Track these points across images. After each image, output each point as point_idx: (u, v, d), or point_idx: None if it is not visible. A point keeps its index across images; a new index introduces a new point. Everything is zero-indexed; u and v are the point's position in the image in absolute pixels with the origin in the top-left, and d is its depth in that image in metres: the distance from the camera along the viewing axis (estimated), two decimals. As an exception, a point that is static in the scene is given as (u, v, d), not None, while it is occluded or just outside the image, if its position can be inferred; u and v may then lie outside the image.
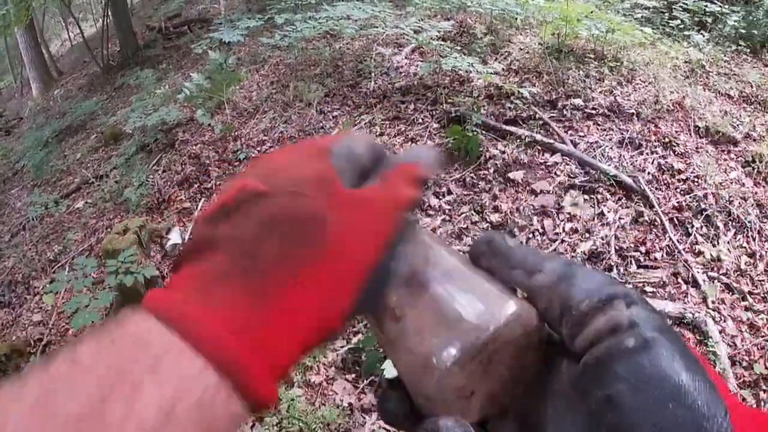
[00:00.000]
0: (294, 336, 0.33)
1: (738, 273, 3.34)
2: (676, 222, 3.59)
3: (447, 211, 3.90)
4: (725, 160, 4.03)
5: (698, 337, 2.93)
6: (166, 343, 0.29)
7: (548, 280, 0.34)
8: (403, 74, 5.24)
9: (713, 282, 3.26)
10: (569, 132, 4.28)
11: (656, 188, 3.78)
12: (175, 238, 4.34)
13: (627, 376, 0.28)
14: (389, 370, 2.66)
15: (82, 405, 0.26)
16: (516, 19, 5.70)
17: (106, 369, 0.27)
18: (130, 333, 0.30)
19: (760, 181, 3.87)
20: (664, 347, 0.28)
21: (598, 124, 4.30)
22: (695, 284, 3.25)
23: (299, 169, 0.36)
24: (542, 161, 4.07)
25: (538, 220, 3.70)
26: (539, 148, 4.17)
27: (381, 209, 0.36)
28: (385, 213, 0.37)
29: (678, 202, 3.67)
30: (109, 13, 10.69)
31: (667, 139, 4.08)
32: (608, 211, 3.66)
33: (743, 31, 5.65)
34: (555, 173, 3.97)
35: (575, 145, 4.14)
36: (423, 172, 0.40)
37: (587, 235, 3.54)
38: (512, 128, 4.34)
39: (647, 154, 4.01)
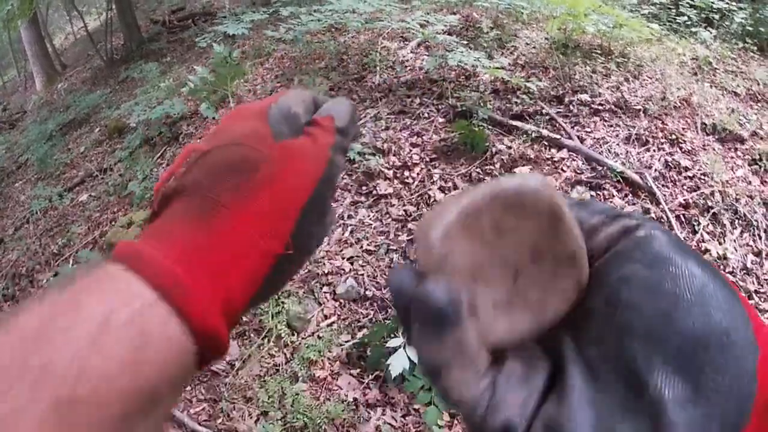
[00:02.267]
0: (239, 261, 0.36)
1: (744, 271, 3.33)
2: (683, 219, 3.58)
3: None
4: (732, 157, 4.01)
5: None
6: (114, 273, 0.33)
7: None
8: (408, 68, 5.21)
9: (720, 280, 3.25)
10: (576, 127, 4.26)
11: (663, 185, 3.77)
12: (179, 231, 4.33)
13: (640, 257, 0.29)
14: (395, 366, 2.65)
15: (38, 322, 0.29)
16: (522, 13, 5.67)
17: (60, 295, 0.30)
18: (88, 273, 0.32)
19: (767, 180, 3.85)
20: (669, 238, 0.30)
21: (605, 120, 4.28)
22: (702, 282, 3.24)
23: (237, 128, 0.42)
24: (548, 157, 4.06)
25: (544, 216, 3.68)
26: (546, 143, 4.15)
27: (306, 154, 0.42)
28: (311, 156, 0.42)
29: (685, 200, 3.66)
30: (113, 7, 10.66)
31: (674, 136, 4.06)
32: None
33: (750, 28, 5.62)
34: (561, 169, 3.95)
35: (582, 140, 4.12)
36: (337, 123, 0.45)
37: (593, 231, 3.52)
38: (518, 123, 4.32)
39: (654, 150, 3.99)
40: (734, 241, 3.47)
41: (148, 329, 0.31)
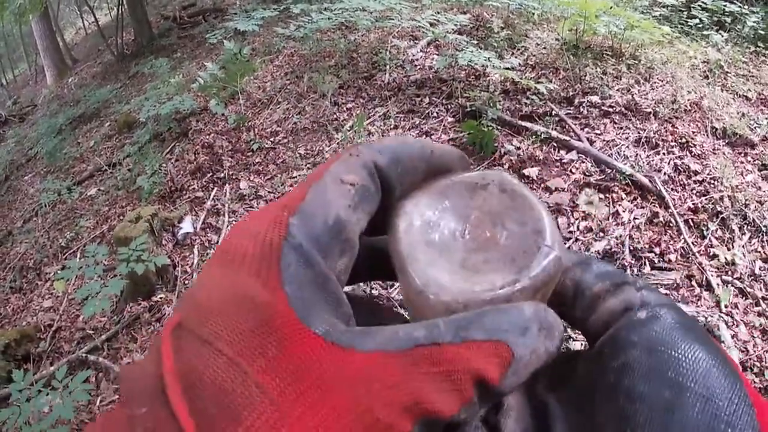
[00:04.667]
0: None
1: (752, 278, 3.30)
2: (692, 224, 3.56)
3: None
4: (742, 162, 3.98)
5: (712, 340, 2.90)
6: None
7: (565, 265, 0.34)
8: (418, 67, 5.21)
9: (727, 286, 3.23)
10: (585, 129, 4.24)
11: (672, 189, 3.74)
12: (187, 227, 4.34)
13: (640, 342, 0.29)
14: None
15: None
16: (533, 14, 5.66)
17: None
18: None
19: (777, 185, 3.83)
20: (673, 318, 0.29)
21: (615, 122, 4.26)
22: (709, 287, 3.22)
23: (217, 309, 0.24)
24: (557, 158, 4.04)
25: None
26: (555, 144, 4.14)
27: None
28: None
29: (693, 204, 3.64)
30: (124, 2, 10.70)
31: (684, 140, 4.03)
32: (623, 211, 3.63)
33: (762, 32, 5.58)
34: (570, 171, 3.94)
35: (591, 142, 4.10)
36: None
37: (602, 234, 3.51)
38: (528, 124, 4.31)
39: (664, 154, 3.97)
40: (743, 246, 3.44)
41: None
